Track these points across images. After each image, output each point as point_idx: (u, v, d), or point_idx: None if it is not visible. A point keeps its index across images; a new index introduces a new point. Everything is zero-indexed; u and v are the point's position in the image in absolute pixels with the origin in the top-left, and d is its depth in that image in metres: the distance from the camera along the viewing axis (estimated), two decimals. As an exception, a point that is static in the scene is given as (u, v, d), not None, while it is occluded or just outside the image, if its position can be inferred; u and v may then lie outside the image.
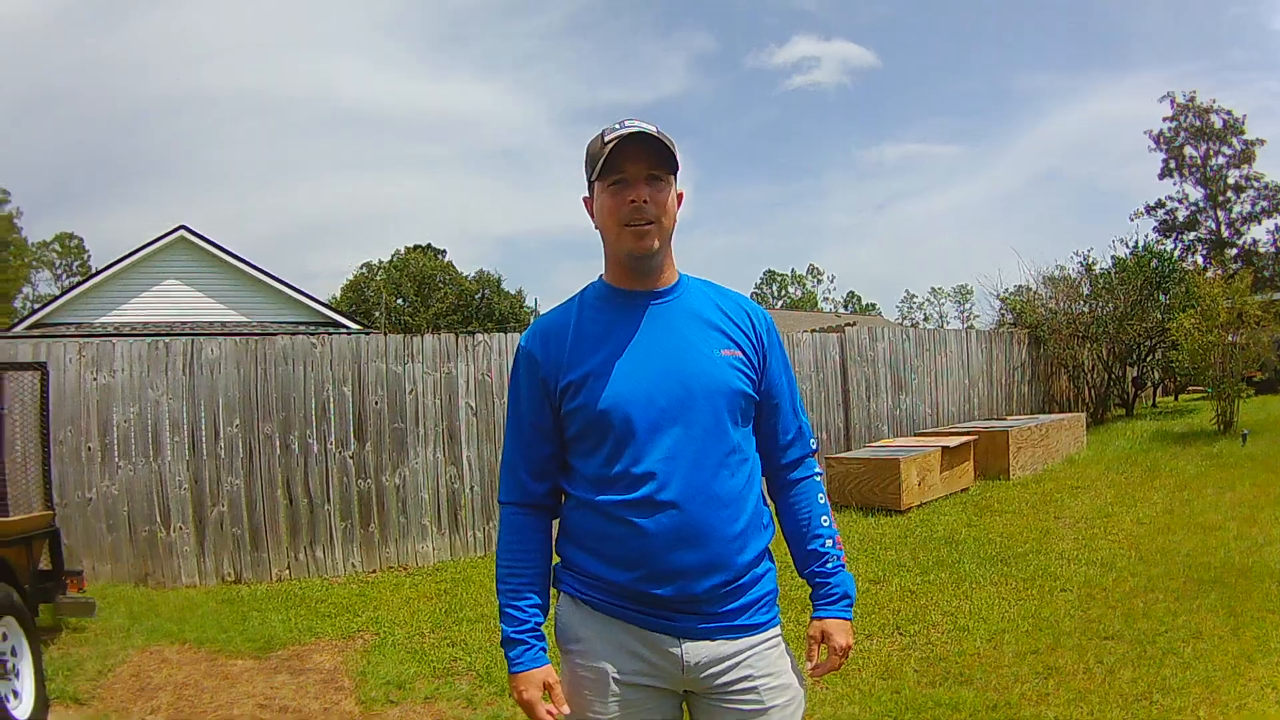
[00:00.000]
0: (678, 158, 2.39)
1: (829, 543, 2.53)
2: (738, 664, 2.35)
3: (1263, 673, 5.36)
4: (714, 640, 2.34)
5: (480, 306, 72.06)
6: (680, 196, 2.47)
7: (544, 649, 2.42)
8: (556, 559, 2.53)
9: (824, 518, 2.56)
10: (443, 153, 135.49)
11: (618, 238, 2.38)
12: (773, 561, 2.51)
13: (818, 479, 2.63)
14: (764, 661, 2.39)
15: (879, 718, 5.11)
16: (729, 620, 2.35)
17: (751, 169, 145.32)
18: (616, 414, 2.32)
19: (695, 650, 2.33)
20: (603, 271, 2.55)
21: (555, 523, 2.56)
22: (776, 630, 2.47)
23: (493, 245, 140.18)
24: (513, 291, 75.56)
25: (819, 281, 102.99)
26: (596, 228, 2.46)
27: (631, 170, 2.33)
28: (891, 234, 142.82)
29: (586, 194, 2.47)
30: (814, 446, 2.66)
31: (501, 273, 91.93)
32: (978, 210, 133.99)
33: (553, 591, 2.52)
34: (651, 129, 2.32)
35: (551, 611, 2.51)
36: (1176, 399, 26.75)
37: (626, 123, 2.33)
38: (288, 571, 9.45)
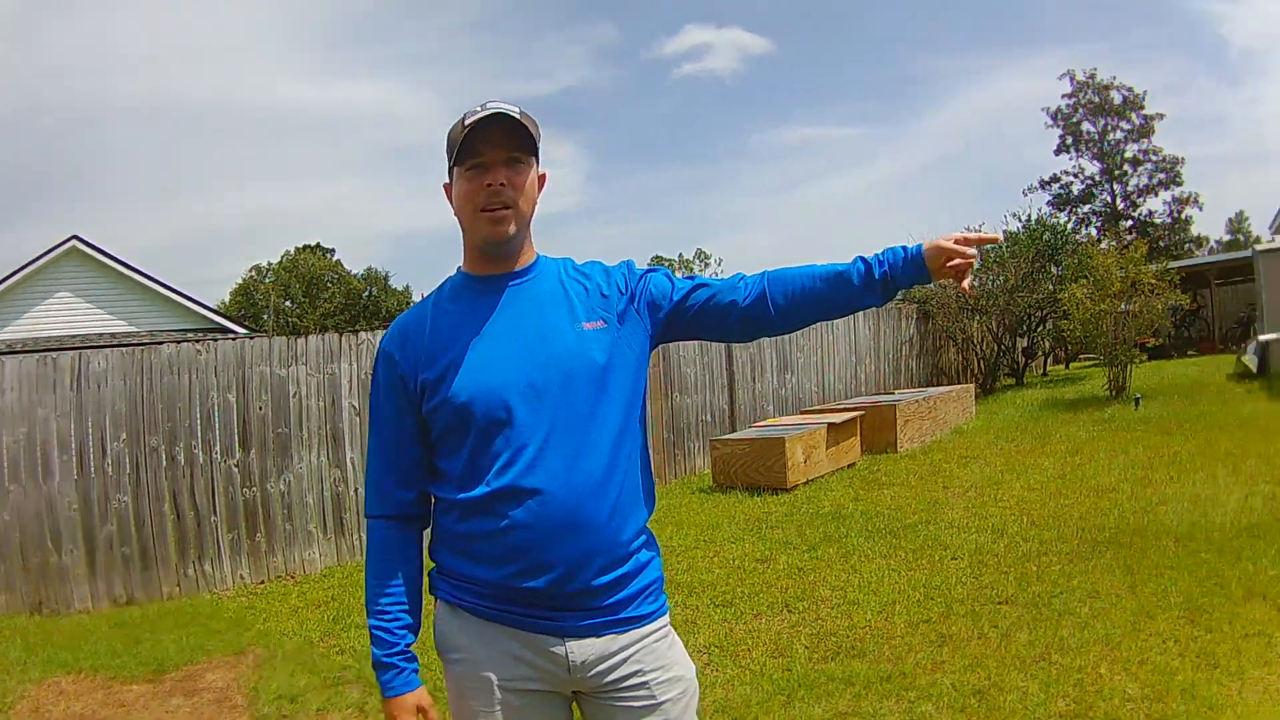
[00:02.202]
0: (537, 139, 2.31)
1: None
2: (626, 659, 2.27)
3: (1163, 627, 5.50)
4: (600, 636, 2.25)
5: (368, 305, 71.20)
6: (542, 179, 2.42)
7: (415, 671, 2.32)
8: (431, 564, 2.42)
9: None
10: (341, 154, 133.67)
11: (474, 223, 2.30)
12: (655, 548, 2.43)
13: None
14: (653, 655, 2.31)
15: (771, 696, 5.11)
16: (614, 614, 2.26)
17: (651, 157, 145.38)
18: (477, 404, 2.22)
19: (581, 649, 2.24)
20: (461, 262, 2.46)
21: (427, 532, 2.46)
22: (664, 620, 2.39)
23: (387, 244, 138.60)
24: (400, 288, 74.56)
25: (706, 266, 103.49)
26: (455, 215, 2.37)
27: (490, 154, 2.25)
28: (790, 217, 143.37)
29: (446, 180, 2.39)
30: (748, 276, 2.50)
31: (390, 270, 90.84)
32: (878, 192, 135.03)
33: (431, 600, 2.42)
34: (512, 110, 2.24)
35: (431, 620, 2.41)
36: (1068, 367, 27.44)
37: (488, 104, 2.24)
38: (178, 589, 9.21)
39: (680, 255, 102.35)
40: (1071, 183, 53.27)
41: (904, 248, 2.35)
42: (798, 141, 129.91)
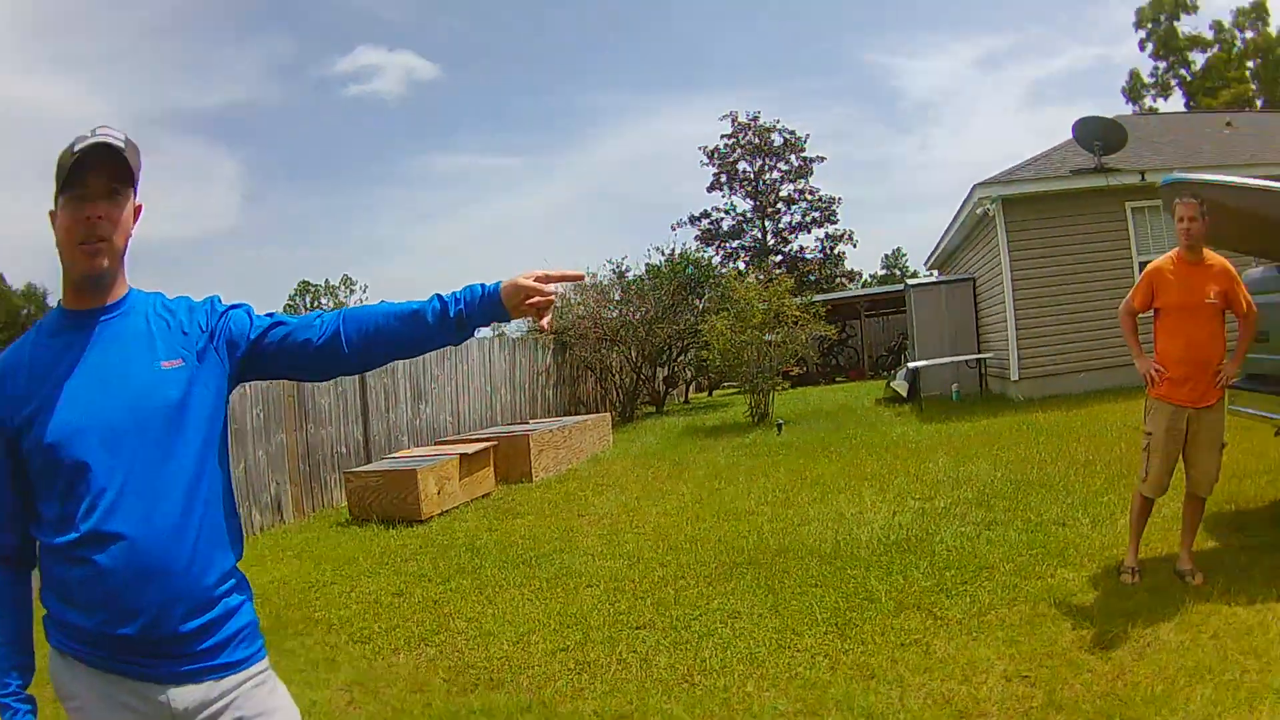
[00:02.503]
0: (137, 170, 2.24)
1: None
2: (228, 705, 2.26)
3: (811, 642, 5.56)
4: (199, 683, 2.22)
5: (26, 324, 66.03)
6: (138, 210, 2.32)
7: (30, 712, 2.24)
8: (44, 610, 2.31)
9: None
10: (14, 157, 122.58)
11: (72, 257, 2.23)
12: (247, 591, 2.41)
13: None
14: (253, 701, 2.30)
15: (407, 732, 4.86)
16: (209, 659, 2.24)
17: (310, 179, 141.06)
18: (62, 447, 2.15)
19: (182, 695, 2.21)
20: (61, 297, 2.36)
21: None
22: (263, 664, 2.38)
23: (49, 258, 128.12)
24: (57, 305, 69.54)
25: (351, 292, 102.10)
26: (57, 246, 2.27)
27: (94, 184, 2.18)
28: (434, 244, 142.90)
29: (53, 208, 2.27)
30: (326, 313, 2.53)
31: (50, 287, 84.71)
32: (531, 223, 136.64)
33: None
34: (118, 139, 2.17)
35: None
36: (711, 394, 28.49)
37: (99, 130, 2.18)
38: None
39: (326, 281, 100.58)
40: (722, 219, 55.52)
41: (482, 285, 2.42)
42: (455, 168, 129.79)
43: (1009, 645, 5.19)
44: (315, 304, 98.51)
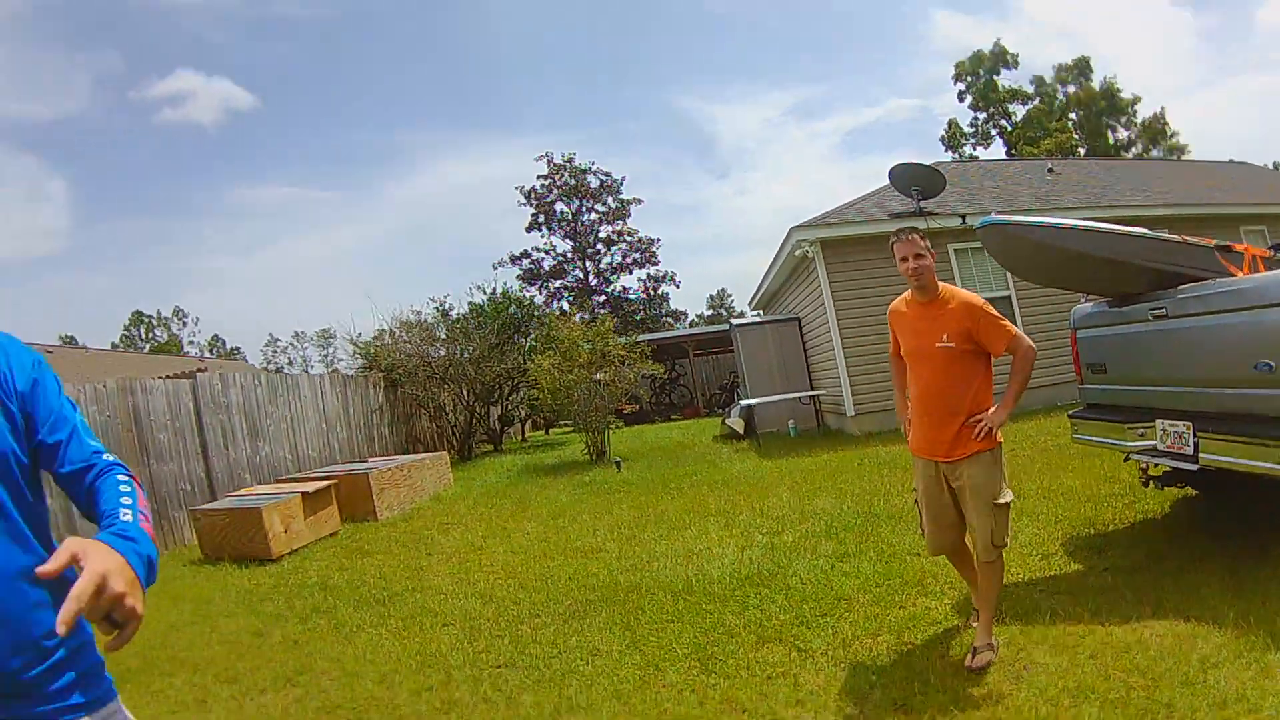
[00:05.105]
0: None
1: (129, 515, 2.30)
2: None
3: (675, 678, 5.60)
4: None
5: None
6: None
7: None
8: None
9: (126, 499, 2.35)
10: None
11: None
12: (87, 631, 2.35)
13: (120, 475, 2.43)
14: None
15: (281, 778, 4.85)
16: (61, 700, 2.21)
17: (130, 203, 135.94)
18: None
19: None
20: None
21: None
22: (115, 704, 2.37)
23: None
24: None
25: (184, 325, 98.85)
26: None
27: None
28: (259, 277, 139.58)
29: None
30: (106, 454, 2.49)
31: None
32: (349, 257, 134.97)
33: None
34: None
35: None
36: (548, 433, 28.48)
37: None
38: None
39: (159, 312, 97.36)
40: (543, 258, 55.68)
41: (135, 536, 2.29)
42: (274, 200, 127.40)
43: (880, 675, 5.21)
44: (149, 335, 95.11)
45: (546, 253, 56.32)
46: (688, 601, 7.21)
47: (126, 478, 2.43)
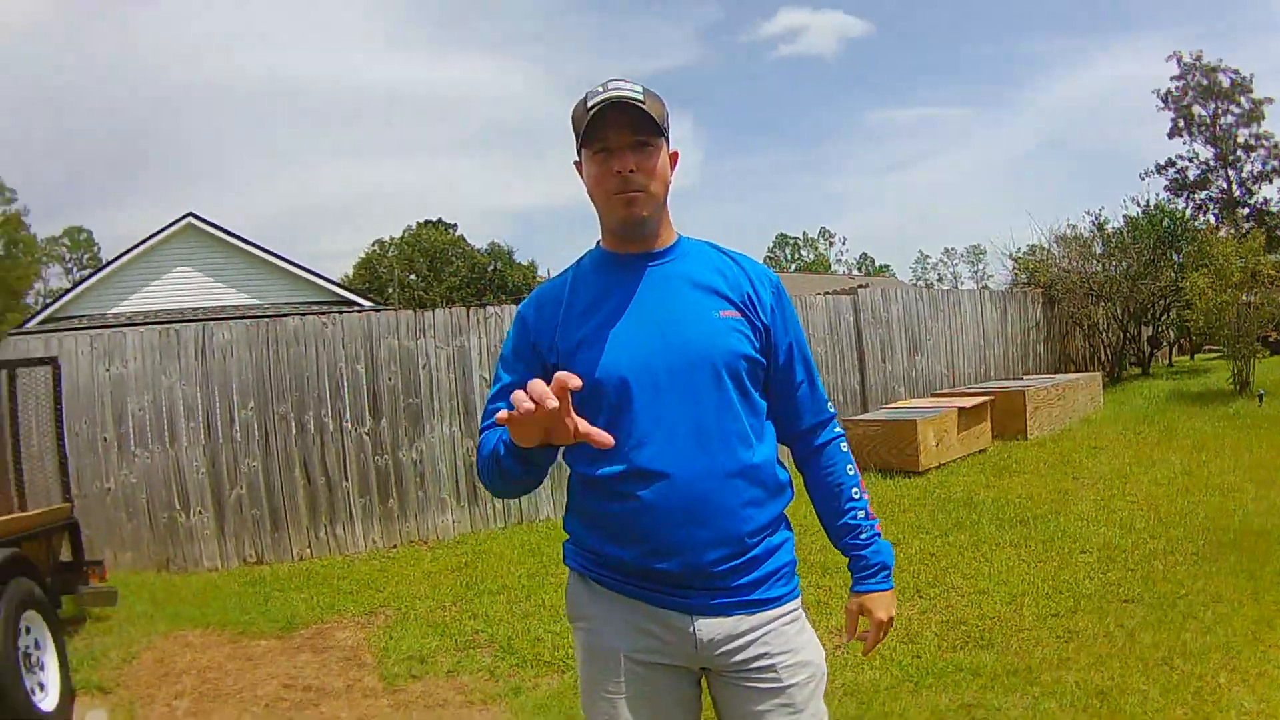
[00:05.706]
0: (661, 121, 2.24)
1: (860, 514, 2.46)
2: (754, 641, 2.24)
3: None
4: (729, 616, 2.22)
5: (493, 279, 71.69)
6: (674, 157, 2.37)
7: None
8: (566, 536, 2.45)
9: (854, 489, 2.46)
10: (451, 132, 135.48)
11: (607, 206, 2.27)
12: (789, 530, 2.39)
13: (841, 445, 2.51)
14: (781, 639, 2.27)
15: (899, 682, 5.04)
16: (743, 595, 2.23)
17: (757, 137, 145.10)
18: (610, 383, 2.20)
19: (709, 627, 2.22)
20: (600, 237, 2.43)
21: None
22: (795, 604, 2.35)
23: (505, 220, 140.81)
24: (525, 263, 74.86)
25: (830, 245, 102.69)
26: (588, 195, 2.32)
27: (615, 138, 2.20)
28: (903, 196, 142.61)
29: (576, 158, 2.34)
30: (832, 411, 2.53)
31: (514, 246, 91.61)
32: (989, 173, 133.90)
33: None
34: (633, 94, 2.18)
35: (564, 587, 2.45)
36: (1193, 358, 26.60)
37: (611, 84, 2.20)
38: (309, 550, 9.50)
39: (804, 233, 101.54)
40: (1187, 168, 51.60)
41: (885, 563, 2.54)
42: (904, 122, 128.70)
43: None
44: (795, 255, 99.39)
45: (1190, 161, 51.76)
46: (1313, 555, 6.54)
47: (844, 442, 2.54)
